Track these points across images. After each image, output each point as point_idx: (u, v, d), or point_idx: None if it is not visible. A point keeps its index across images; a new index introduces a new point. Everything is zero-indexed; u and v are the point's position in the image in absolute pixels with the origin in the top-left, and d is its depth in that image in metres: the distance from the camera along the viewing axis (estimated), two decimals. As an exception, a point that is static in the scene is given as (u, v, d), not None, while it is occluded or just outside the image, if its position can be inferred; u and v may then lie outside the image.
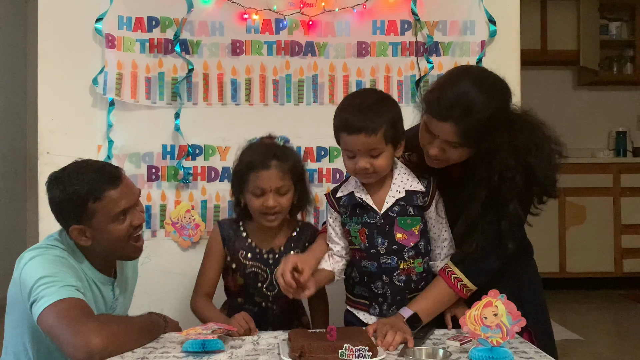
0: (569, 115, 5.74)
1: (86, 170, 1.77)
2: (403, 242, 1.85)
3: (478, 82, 1.76)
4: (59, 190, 1.75)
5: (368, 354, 1.47)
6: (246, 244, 2.08)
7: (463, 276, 1.81)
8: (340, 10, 2.64)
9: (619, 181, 5.27)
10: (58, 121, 2.62)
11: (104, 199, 1.73)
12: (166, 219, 2.63)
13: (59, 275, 1.66)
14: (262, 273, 2.06)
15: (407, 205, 1.84)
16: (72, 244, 1.81)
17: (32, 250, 1.76)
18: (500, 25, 2.66)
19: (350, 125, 1.76)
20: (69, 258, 1.77)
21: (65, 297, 1.61)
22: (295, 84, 2.67)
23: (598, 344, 3.88)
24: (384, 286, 1.87)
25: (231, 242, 2.09)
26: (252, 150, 2.07)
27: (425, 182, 1.87)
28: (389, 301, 1.88)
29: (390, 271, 1.86)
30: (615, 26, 5.71)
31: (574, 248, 5.20)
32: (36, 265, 1.69)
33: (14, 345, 1.81)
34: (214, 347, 1.61)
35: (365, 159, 1.78)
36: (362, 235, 1.87)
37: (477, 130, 1.73)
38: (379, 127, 1.75)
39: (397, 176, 1.87)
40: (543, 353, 1.62)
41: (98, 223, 1.74)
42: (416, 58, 2.67)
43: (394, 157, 1.85)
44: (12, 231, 5.21)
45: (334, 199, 1.93)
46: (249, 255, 2.07)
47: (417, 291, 1.88)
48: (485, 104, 1.72)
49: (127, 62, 2.61)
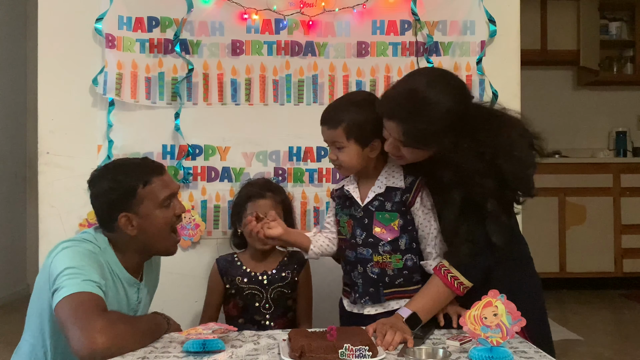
0: (569, 115, 5.75)
1: (131, 162, 1.92)
2: (380, 236, 1.90)
3: (429, 82, 1.76)
4: (107, 180, 1.83)
5: (368, 354, 1.47)
6: (241, 270, 2.29)
7: (459, 274, 1.81)
8: (340, 10, 2.64)
9: (619, 181, 5.27)
10: (58, 121, 2.62)
11: (152, 183, 1.83)
12: (166, 219, 2.62)
13: (84, 269, 1.70)
14: (258, 294, 2.26)
15: (386, 201, 1.91)
16: (106, 242, 1.85)
17: (66, 242, 1.81)
18: (500, 25, 2.66)
19: (321, 117, 1.94)
20: (99, 255, 1.81)
21: (83, 290, 1.64)
22: (295, 84, 2.67)
23: (598, 344, 3.88)
24: (358, 276, 1.94)
25: (228, 272, 2.30)
26: (250, 186, 2.37)
27: (410, 180, 1.92)
28: (361, 291, 1.93)
29: (365, 262, 1.92)
30: (615, 26, 5.71)
31: (574, 248, 5.20)
32: (66, 256, 1.74)
33: (32, 335, 1.83)
34: (215, 347, 1.61)
35: (332, 150, 1.93)
36: (349, 226, 1.96)
37: (422, 131, 1.74)
38: (340, 123, 1.88)
39: (383, 173, 1.94)
40: (543, 353, 1.62)
41: (146, 209, 1.82)
42: (416, 58, 2.67)
43: (364, 155, 1.90)
44: (12, 231, 5.21)
45: (333, 191, 2.08)
46: (245, 280, 2.27)
47: (394, 287, 1.90)
48: (433, 105, 1.73)
49: (127, 62, 2.61)
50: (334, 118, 1.89)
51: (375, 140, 1.89)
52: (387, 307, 1.91)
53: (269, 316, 2.26)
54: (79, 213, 2.57)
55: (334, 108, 1.93)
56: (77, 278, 1.67)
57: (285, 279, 2.29)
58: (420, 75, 1.85)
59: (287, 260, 2.33)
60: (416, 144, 1.78)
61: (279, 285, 2.28)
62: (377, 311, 1.91)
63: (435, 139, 1.76)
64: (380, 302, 1.91)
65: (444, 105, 1.73)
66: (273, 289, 2.27)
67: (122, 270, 1.86)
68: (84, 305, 1.62)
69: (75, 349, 1.56)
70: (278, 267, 2.30)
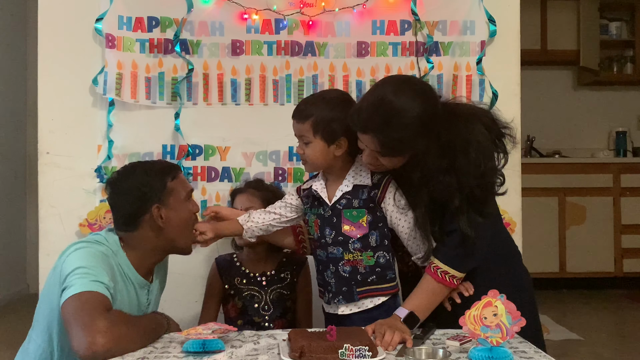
0: (569, 115, 5.75)
1: (153, 162, 2.07)
2: (349, 234, 1.91)
3: (395, 91, 1.79)
4: (136, 175, 1.89)
5: (368, 354, 1.47)
6: (240, 271, 2.31)
7: (448, 268, 1.82)
8: (340, 10, 2.64)
9: (619, 181, 5.27)
10: (58, 121, 2.62)
11: (178, 177, 1.93)
12: (166, 219, 2.63)
13: (94, 269, 1.72)
14: (257, 295, 2.28)
15: (353, 199, 1.92)
16: (118, 244, 1.88)
17: (78, 243, 1.84)
18: (500, 25, 2.66)
19: (294, 110, 1.96)
20: (111, 257, 1.83)
21: (90, 290, 1.66)
22: (295, 84, 2.67)
23: (598, 344, 3.88)
24: (331, 275, 1.94)
25: (227, 272, 2.32)
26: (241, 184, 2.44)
27: (378, 177, 1.92)
28: (334, 290, 1.93)
29: (336, 261, 1.92)
30: (615, 26, 5.71)
31: (574, 248, 5.20)
32: (78, 256, 1.76)
33: (39, 335, 1.84)
34: (214, 347, 1.61)
35: (300, 144, 1.95)
36: (316, 225, 1.97)
37: (397, 140, 1.77)
38: (309, 117, 1.90)
39: (351, 172, 1.95)
40: (543, 353, 1.62)
41: (175, 200, 1.89)
42: (416, 58, 2.67)
43: (329, 152, 1.91)
44: (12, 231, 5.21)
45: (300, 190, 2.07)
46: (244, 281, 2.29)
47: (366, 285, 1.90)
48: (403, 112, 1.75)
49: (127, 62, 2.61)
50: (304, 112, 1.92)
51: (341, 139, 1.90)
52: (361, 306, 1.91)
53: (268, 317, 2.27)
54: (79, 213, 2.57)
55: (306, 102, 1.97)
56: (85, 278, 1.68)
57: (284, 280, 2.29)
58: (386, 84, 1.86)
59: (286, 261, 2.33)
60: (393, 152, 1.81)
61: (278, 286, 2.28)
62: (352, 310, 1.91)
63: (410, 145, 1.79)
64: (354, 300, 1.90)
65: (414, 111, 1.76)
66: (272, 290, 2.27)
67: (133, 272, 1.88)
68: (89, 304, 1.63)
69: (76, 348, 1.57)
70: (277, 268, 2.31)
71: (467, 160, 1.77)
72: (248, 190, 2.33)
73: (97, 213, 2.58)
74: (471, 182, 1.78)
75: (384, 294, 1.91)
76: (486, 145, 1.82)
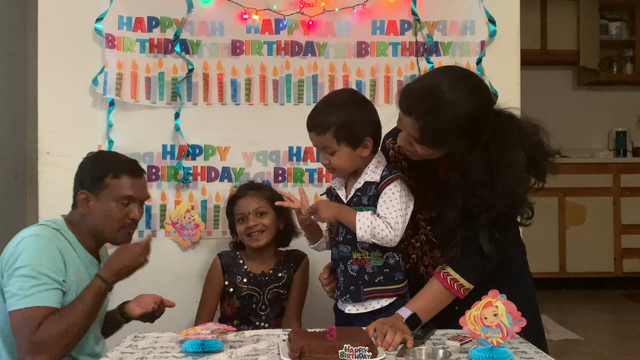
0: (569, 115, 5.74)
1: (117, 156, 2.07)
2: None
3: (452, 82, 1.72)
4: (92, 159, 2.01)
5: (368, 354, 1.47)
6: (242, 269, 2.31)
7: (458, 276, 1.80)
8: (340, 10, 2.64)
9: (619, 181, 5.26)
10: (58, 121, 2.62)
11: (120, 179, 1.95)
12: (166, 219, 2.63)
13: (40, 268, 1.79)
14: (256, 295, 2.27)
15: (362, 196, 1.89)
16: (64, 223, 1.96)
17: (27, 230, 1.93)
18: (500, 25, 2.66)
19: (308, 124, 1.90)
20: (59, 238, 1.90)
21: (35, 305, 1.76)
22: (295, 84, 2.67)
23: (598, 344, 3.88)
24: (340, 273, 1.93)
25: (230, 269, 2.31)
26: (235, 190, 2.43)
27: (386, 173, 1.88)
28: (342, 288, 1.92)
29: (345, 259, 1.91)
30: (615, 26, 5.70)
31: (574, 248, 5.20)
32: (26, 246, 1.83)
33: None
34: (213, 347, 1.61)
35: (323, 155, 1.90)
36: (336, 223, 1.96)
37: (437, 132, 1.71)
38: (328, 128, 1.83)
39: (366, 169, 1.91)
40: (543, 353, 1.62)
41: (104, 196, 1.94)
42: (416, 58, 2.67)
43: (356, 156, 1.87)
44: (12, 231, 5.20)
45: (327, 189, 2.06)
46: (244, 280, 2.28)
47: (374, 285, 1.88)
48: (453, 106, 1.69)
49: (127, 62, 2.61)
50: (322, 124, 1.85)
51: (366, 139, 1.87)
52: (368, 307, 1.88)
53: (264, 317, 2.27)
54: (78, 213, 2.57)
55: (320, 113, 1.87)
56: (32, 288, 1.76)
57: (281, 279, 2.29)
58: (445, 73, 1.78)
59: (284, 259, 2.33)
60: (430, 142, 1.75)
61: (276, 285, 2.28)
62: (358, 310, 1.89)
63: (450, 141, 1.73)
64: (361, 300, 1.88)
65: (464, 108, 1.70)
66: (269, 290, 2.27)
67: (81, 249, 1.94)
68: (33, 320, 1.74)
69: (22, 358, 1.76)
70: (275, 267, 2.31)
71: (504, 184, 1.72)
72: (248, 192, 2.33)
73: (97, 213, 2.58)
74: (501, 206, 1.74)
75: (392, 295, 1.89)
76: (525, 176, 1.77)
